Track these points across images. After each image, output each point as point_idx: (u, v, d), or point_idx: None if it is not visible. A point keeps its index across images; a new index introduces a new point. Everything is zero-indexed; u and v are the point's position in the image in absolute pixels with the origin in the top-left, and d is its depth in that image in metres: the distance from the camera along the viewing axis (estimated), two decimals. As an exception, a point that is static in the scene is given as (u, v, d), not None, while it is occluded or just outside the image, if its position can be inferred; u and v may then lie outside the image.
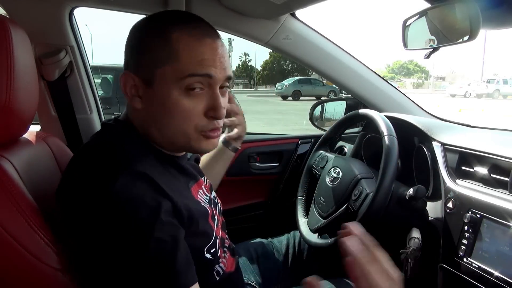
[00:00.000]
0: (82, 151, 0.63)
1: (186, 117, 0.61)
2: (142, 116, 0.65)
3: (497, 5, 0.71)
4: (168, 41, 0.60)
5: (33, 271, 0.56)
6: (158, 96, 0.61)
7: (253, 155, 1.50)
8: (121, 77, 0.63)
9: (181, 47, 0.60)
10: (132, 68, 0.63)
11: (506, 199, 0.73)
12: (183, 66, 0.59)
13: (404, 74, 57.93)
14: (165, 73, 0.60)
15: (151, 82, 0.61)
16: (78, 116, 1.36)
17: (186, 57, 0.59)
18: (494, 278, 0.68)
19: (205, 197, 0.73)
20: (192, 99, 0.61)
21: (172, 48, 0.59)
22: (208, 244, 0.67)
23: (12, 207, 0.55)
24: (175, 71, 0.59)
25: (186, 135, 0.63)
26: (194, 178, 0.73)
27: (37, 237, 0.56)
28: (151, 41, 0.61)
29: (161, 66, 0.60)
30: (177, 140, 0.64)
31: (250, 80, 38.24)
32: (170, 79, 0.60)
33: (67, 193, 0.59)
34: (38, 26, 1.21)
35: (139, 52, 0.62)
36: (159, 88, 0.60)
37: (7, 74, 0.58)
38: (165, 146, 0.66)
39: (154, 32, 0.62)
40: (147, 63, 0.61)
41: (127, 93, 0.63)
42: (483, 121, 8.84)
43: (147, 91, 0.62)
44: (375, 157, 1.00)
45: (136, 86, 0.62)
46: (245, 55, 42.10)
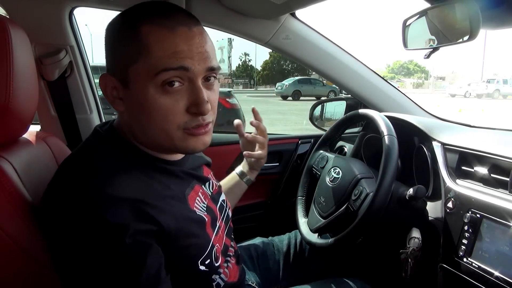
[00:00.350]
0: (68, 163, 0.61)
1: (166, 116, 0.56)
2: (127, 119, 0.62)
3: (497, 5, 0.71)
4: (138, 35, 0.55)
5: (31, 272, 0.55)
6: (135, 96, 0.57)
7: (253, 155, 1.50)
8: (100, 81, 0.59)
9: (152, 40, 0.54)
10: (109, 69, 0.59)
11: (506, 199, 0.73)
12: (156, 60, 0.54)
13: (404, 74, 57.94)
14: (138, 70, 0.55)
15: (127, 82, 0.57)
16: (78, 116, 1.36)
17: (157, 51, 0.54)
18: (494, 278, 0.68)
19: (202, 205, 0.69)
20: (171, 95, 0.56)
21: (142, 43, 0.54)
22: (202, 256, 0.63)
23: (11, 208, 0.55)
24: (148, 67, 0.54)
25: (169, 135, 0.58)
26: (191, 186, 0.69)
27: (35, 238, 0.56)
28: (122, 38, 0.57)
29: (133, 63, 0.55)
30: (161, 141, 0.59)
31: (250, 80, 38.25)
32: (143, 77, 0.55)
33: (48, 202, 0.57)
34: (38, 26, 1.21)
35: (112, 51, 0.59)
36: (135, 87, 0.56)
37: (6, 74, 0.58)
38: (153, 149, 0.63)
39: (125, 27, 0.57)
40: (120, 62, 0.57)
41: (109, 96, 0.60)
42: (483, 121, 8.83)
43: (125, 92, 0.58)
44: (375, 157, 1.00)
45: (116, 88, 0.59)
46: (245, 55, 42.13)
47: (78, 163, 0.59)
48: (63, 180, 0.57)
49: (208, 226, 0.67)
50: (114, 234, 0.50)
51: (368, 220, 0.81)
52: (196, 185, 0.70)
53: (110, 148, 0.61)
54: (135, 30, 0.55)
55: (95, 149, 0.61)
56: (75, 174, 0.56)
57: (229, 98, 4.74)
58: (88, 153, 0.61)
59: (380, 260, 1.04)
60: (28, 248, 0.55)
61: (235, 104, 4.80)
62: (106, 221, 0.50)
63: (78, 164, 0.59)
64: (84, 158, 0.59)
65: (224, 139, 1.53)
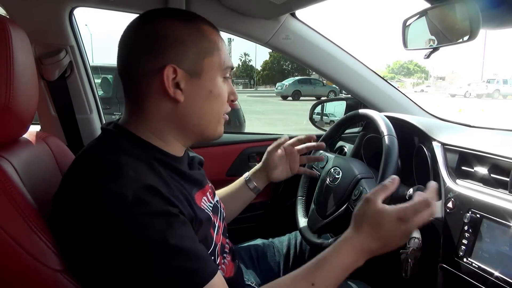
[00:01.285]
0: (85, 158, 0.61)
1: (223, 101, 0.69)
2: (182, 110, 0.64)
3: (497, 5, 0.71)
4: (204, 34, 0.64)
5: (32, 272, 0.55)
6: (206, 84, 0.64)
7: (253, 155, 1.50)
8: (163, 71, 0.60)
9: (217, 40, 0.66)
10: (173, 60, 0.60)
11: (506, 199, 0.73)
12: (224, 57, 0.66)
13: (404, 74, 57.94)
14: (213, 62, 0.64)
15: (199, 72, 0.63)
16: (78, 116, 1.36)
17: (222, 49, 0.66)
18: (494, 278, 0.68)
19: (209, 204, 0.72)
20: (226, 86, 0.69)
21: (212, 40, 0.65)
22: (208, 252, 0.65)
23: (11, 208, 0.55)
24: (220, 61, 0.65)
25: (219, 119, 0.69)
26: (199, 185, 0.72)
27: (36, 238, 0.56)
28: (189, 34, 0.62)
29: (209, 56, 0.64)
30: (211, 126, 0.68)
31: (250, 80, 38.25)
32: (216, 68, 0.65)
33: (66, 201, 0.57)
34: (38, 26, 1.21)
35: (179, 44, 0.61)
36: (206, 77, 0.64)
37: (7, 74, 0.58)
38: (188, 139, 0.69)
39: (188, 25, 0.63)
40: (192, 55, 0.62)
41: (170, 88, 0.61)
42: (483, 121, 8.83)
43: (192, 81, 0.63)
44: (375, 157, 1.00)
45: (177, 79, 0.61)
46: (245, 55, 42.13)
47: (98, 155, 0.60)
48: (83, 171, 0.57)
49: (211, 226, 0.69)
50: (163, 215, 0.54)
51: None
52: (204, 186, 0.75)
53: (125, 142, 0.62)
54: (200, 28, 0.64)
55: (112, 143, 0.62)
56: (96, 164, 0.57)
57: (229, 98, 4.73)
58: (106, 146, 0.62)
59: (380, 260, 1.04)
60: (29, 248, 0.55)
61: (235, 104, 4.79)
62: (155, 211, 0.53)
63: (98, 156, 0.59)
64: (103, 151, 0.60)
65: (224, 139, 1.52)
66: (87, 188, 0.55)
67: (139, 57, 0.61)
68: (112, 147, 0.60)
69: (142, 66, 0.61)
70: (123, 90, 0.66)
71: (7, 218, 0.54)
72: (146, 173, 0.57)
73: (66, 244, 0.57)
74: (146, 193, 0.54)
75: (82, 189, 0.55)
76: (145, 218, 0.52)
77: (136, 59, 0.62)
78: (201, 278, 0.53)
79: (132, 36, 0.63)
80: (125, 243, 0.51)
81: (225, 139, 1.53)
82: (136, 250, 0.51)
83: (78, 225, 0.54)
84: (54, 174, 0.78)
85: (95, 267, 0.54)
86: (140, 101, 0.63)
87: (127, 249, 0.51)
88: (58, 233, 0.57)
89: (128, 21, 0.67)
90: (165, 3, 1.19)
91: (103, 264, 0.53)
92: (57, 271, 0.56)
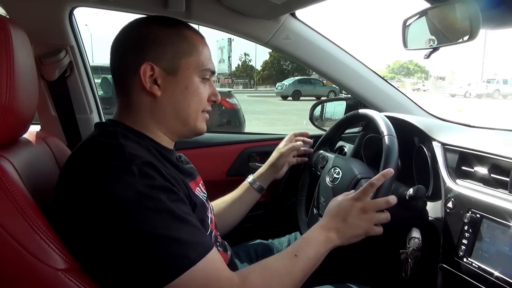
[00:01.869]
0: (85, 146, 0.65)
1: (200, 100, 0.73)
2: (160, 103, 0.70)
3: (497, 5, 0.71)
4: (186, 37, 0.70)
5: (33, 271, 0.55)
6: (182, 82, 0.70)
7: (253, 155, 1.50)
8: (140, 68, 0.66)
9: (198, 43, 0.72)
10: (152, 59, 0.67)
11: (506, 199, 0.73)
12: (203, 59, 0.72)
13: (404, 74, 57.96)
14: (189, 62, 0.70)
15: (175, 70, 0.69)
16: (78, 116, 1.36)
17: (203, 53, 0.72)
18: (494, 278, 0.68)
19: (203, 194, 0.79)
20: (204, 86, 0.73)
21: (191, 43, 0.71)
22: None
23: (12, 207, 0.55)
24: (198, 62, 0.71)
25: (197, 115, 0.74)
26: (190, 176, 0.77)
27: (37, 237, 0.56)
28: (168, 35, 0.69)
29: (187, 56, 0.70)
30: (189, 121, 0.73)
31: (250, 80, 38.24)
32: (193, 68, 0.71)
33: (68, 191, 0.60)
34: (38, 26, 1.21)
35: (158, 45, 0.68)
36: (183, 75, 0.70)
37: (7, 74, 0.58)
38: (171, 132, 0.73)
39: (169, 28, 0.70)
40: (170, 55, 0.68)
41: (146, 82, 0.67)
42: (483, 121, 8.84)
43: (169, 79, 0.69)
44: (375, 157, 1.00)
45: (154, 75, 0.68)
46: (245, 55, 42.11)
47: (99, 141, 0.64)
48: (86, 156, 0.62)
49: (208, 212, 0.75)
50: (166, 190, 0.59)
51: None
52: (196, 177, 0.81)
53: (122, 131, 0.67)
54: (181, 32, 0.71)
55: (110, 132, 0.66)
56: (99, 148, 0.62)
57: (229, 98, 4.73)
58: (105, 134, 0.66)
59: (380, 260, 1.04)
60: (30, 247, 0.55)
61: (235, 104, 4.79)
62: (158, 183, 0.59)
63: (99, 142, 0.64)
64: (103, 138, 0.65)
65: (224, 139, 1.52)
66: (93, 169, 0.58)
67: (125, 56, 0.70)
68: (111, 135, 0.65)
69: (127, 63, 0.69)
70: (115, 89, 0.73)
71: (7, 218, 0.54)
72: (145, 154, 0.63)
73: (70, 229, 0.59)
74: (149, 168, 0.59)
75: (87, 171, 0.58)
76: (152, 191, 0.57)
77: (123, 57, 0.70)
78: (205, 249, 0.59)
79: (121, 39, 0.71)
80: (133, 214, 0.55)
81: (225, 139, 1.53)
82: (144, 222, 0.55)
83: (85, 207, 0.57)
84: (54, 174, 0.78)
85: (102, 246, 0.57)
86: (128, 96, 0.70)
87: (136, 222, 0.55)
88: (63, 223, 0.59)
89: (128, 21, 0.73)
90: (165, 3, 1.19)
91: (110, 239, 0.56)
92: (58, 270, 0.56)
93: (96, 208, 0.56)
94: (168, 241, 0.55)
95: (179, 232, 0.57)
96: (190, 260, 0.56)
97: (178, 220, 0.58)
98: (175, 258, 0.55)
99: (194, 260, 0.56)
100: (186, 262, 0.56)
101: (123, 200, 0.55)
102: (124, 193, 0.55)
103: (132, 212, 0.55)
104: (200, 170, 0.87)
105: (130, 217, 0.55)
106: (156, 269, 0.54)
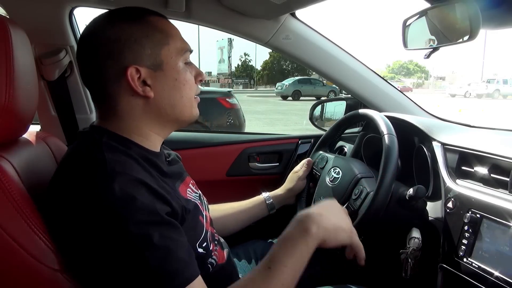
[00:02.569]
0: (71, 159, 0.63)
1: (191, 86, 0.69)
2: (142, 110, 0.66)
3: (497, 5, 0.71)
4: (155, 25, 0.65)
5: (31, 272, 0.55)
6: (170, 74, 0.66)
7: (253, 155, 1.50)
8: (126, 73, 0.62)
9: (167, 28, 0.67)
10: (132, 61, 0.62)
11: (506, 199, 0.73)
12: (179, 42, 0.67)
13: (404, 74, 57.94)
14: (170, 50, 0.66)
15: (160, 64, 0.65)
16: (78, 116, 1.36)
17: (175, 36, 0.67)
18: (494, 278, 0.68)
19: (195, 195, 0.75)
20: (190, 70, 0.69)
21: (161, 29, 0.65)
22: (199, 239, 0.68)
23: (11, 208, 0.55)
24: (177, 48, 0.66)
25: (191, 103, 0.70)
26: (179, 178, 0.74)
27: (36, 238, 0.56)
28: (141, 29, 0.64)
29: (165, 45, 0.65)
30: (186, 111, 0.70)
31: (250, 80, 38.21)
32: (175, 54, 0.66)
33: (55, 204, 0.59)
34: (38, 26, 1.21)
35: (133, 43, 0.63)
36: (168, 66, 0.65)
37: (6, 74, 0.58)
38: (166, 129, 0.71)
39: (135, 23, 0.64)
40: (149, 50, 0.64)
41: (138, 87, 0.63)
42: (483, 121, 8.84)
43: (157, 75, 0.65)
44: (375, 157, 1.00)
45: (142, 77, 0.63)
46: (245, 55, 42.06)
47: (85, 154, 0.61)
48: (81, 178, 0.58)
49: (200, 214, 0.72)
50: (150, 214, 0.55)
51: (368, 220, 0.81)
52: (187, 177, 0.78)
53: (107, 140, 0.63)
54: (149, 22, 0.65)
55: (95, 142, 0.62)
56: (84, 164, 0.59)
57: (229, 98, 4.73)
58: (91, 145, 0.62)
59: (380, 260, 1.04)
60: (29, 247, 0.55)
61: (235, 104, 4.79)
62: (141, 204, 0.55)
63: (85, 155, 0.60)
64: (89, 150, 0.61)
65: (224, 139, 1.53)
66: (78, 188, 0.56)
67: (100, 65, 0.63)
68: (97, 146, 0.61)
69: (105, 72, 0.63)
70: (91, 96, 0.70)
71: (6, 218, 0.54)
72: (133, 167, 0.59)
73: (60, 240, 0.58)
74: (132, 187, 0.55)
75: (73, 188, 0.57)
76: (131, 213, 0.53)
77: (98, 67, 0.64)
78: (182, 280, 0.55)
79: (89, 46, 0.65)
80: (108, 237, 0.53)
81: (225, 139, 1.53)
82: (118, 245, 0.53)
83: (70, 222, 0.56)
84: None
85: (85, 261, 0.56)
86: (113, 104, 0.65)
87: (109, 243, 0.53)
88: (53, 231, 0.59)
89: None
90: (165, 3, 1.19)
91: (91, 257, 0.55)
92: (56, 271, 0.57)
93: (77, 223, 0.55)
94: (139, 272, 0.53)
95: (153, 261, 0.53)
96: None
97: (153, 248, 0.53)
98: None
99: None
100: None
101: (102, 217, 0.53)
102: (102, 210, 0.53)
103: (108, 231, 0.53)
104: (200, 170, 0.87)
105: (107, 235, 0.53)
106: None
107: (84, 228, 0.54)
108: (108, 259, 0.54)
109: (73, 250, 0.57)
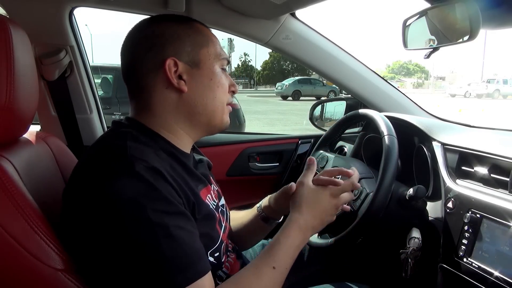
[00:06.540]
0: (94, 147, 0.64)
1: (224, 91, 0.72)
2: (186, 100, 0.68)
3: (497, 5, 0.71)
4: (198, 29, 0.70)
5: (33, 272, 0.55)
6: (205, 74, 0.69)
7: (253, 155, 1.50)
8: (164, 64, 0.65)
9: (209, 34, 0.71)
10: (173, 54, 0.66)
11: (506, 199, 0.73)
12: (219, 49, 0.71)
13: (404, 74, 57.92)
14: (209, 52, 0.69)
15: (198, 63, 0.68)
16: (78, 116, 1.36)
17: (216, 43, 0.71)
18: (494, 278, 0.68)
19: (213, 203, 0.74)
20: (225, 77, 0.72)
21: (203, 34, 0.70)
22: (212, 248, 0.67)
23: (12, 207, 0.55)
24: (215, 51, 0.70)
25: (223, 108, 0.72)
26: (203, 183, 0.73)
27: (37, 237, 0.56)
28: (184, 29, 0.68)
29: (204, 47, 0.69)
30: (216, 114, 0.71)
31: (250, 80, 38.20)
32: (213, 57, 0.70)
33: (73, 192, 0.60)
34: (38, 26, 1.21)
35: (175, 39, 0.67)
36: (205, 66, 0.69)
37: (7, 74, 0.58)
38: (196, 130, 0.72)
39: (182, 24, 0.69)
40: (189, 48, 0.67)
41: (173, 79, 0.66)
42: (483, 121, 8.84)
43: (193, 72, 0.68)
44: (375, 157, 1.00)
45: (179, 71, 0.66)
46: (245, 55, 42.09)
47: (107, 142, 0.63)
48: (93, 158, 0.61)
49: (217, 223, 0.71)
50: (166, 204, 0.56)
51: (368, 220, 0.81)
52: (208, 185, 0.76)
53: (134, 131, 0.65)
54: (193, 25, 0.70)
55: (122, 132, 0.65)
56: (105, 150, 0.61)
57: (229, 98, 4.73)
58: (116, 134, 0.65)
59: (380, 260, 1.04)
60: (30, 247, 0.55)
61: (235, 104, 4.79)
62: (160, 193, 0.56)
63: (108, 143, 0.63)
64: (113, 138, 0.64)
65: (224, 139, 1.53)
66: (98, 174, 0.57)
67: (141, 57, 0.67)
68: (122, 135, 0.63)
69: (145, 64, 0.66)
70: (127, 91, 0.70)
71: (7, 218, 0.54)
72: (151, 157, 0.60)
73: (67, 233, 0.58)
74: (150, 174, 0.56)
75: (90, 172, 0.58)
76: (150, 201, 0.54)
77: (138, 59, 0.67)
78: (194, 272, 0.55)
79: (132, 40, 0.69)
80: (125, 223, 0.53)
81: (225, 139, 1.53)
82: (135, 231, 0.53)
83: (85, 206, 0.56)
84: (54, 173, 0.78)
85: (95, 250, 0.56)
86: (147, 97, 0.68)
87: (125, 229, 0.53)
88: (67, 224, 0.59)
89: (129, 20, 0.70)
90: (165, 3, 1.19)
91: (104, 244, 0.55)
92: (56, 270, 0.56)
93: (93, 208, 0.55)
94: (153, 260, 0.53)
95: (168, 251, 0.53)
96: (176, 285, 0.53)
97: (169, 237, 0.53)
98: (159, 281, 0.53)
99: (179, 285, 0.53)
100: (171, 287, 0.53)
101: (120, 202, 0.53)
102: (121, 195, 0.54)
103: (125, 217, 0.53)
104: None
105: (123, 221, 0.53)
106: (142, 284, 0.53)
107: (100, 213, 0.54)
108: (122, 247, 0.53)
109: (82, 240, 0.57)
